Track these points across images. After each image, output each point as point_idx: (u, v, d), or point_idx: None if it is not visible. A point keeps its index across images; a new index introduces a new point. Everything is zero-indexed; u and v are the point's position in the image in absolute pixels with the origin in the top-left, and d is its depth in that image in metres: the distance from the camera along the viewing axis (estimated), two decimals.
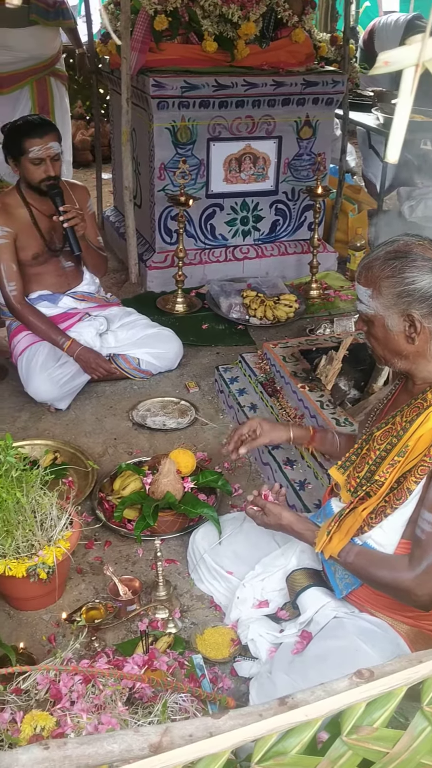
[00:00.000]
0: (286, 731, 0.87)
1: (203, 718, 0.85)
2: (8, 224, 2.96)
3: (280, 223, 4.27)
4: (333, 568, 1.75)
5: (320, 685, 0.90)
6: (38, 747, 0.82)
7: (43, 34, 4.36)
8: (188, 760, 0.83)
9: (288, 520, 1.81)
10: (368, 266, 1.62)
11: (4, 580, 1.95)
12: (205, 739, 0.83)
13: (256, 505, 1.86)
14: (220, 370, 3.11)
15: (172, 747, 0.82)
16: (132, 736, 0.83)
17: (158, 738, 0.82)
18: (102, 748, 0.83)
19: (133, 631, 2.00)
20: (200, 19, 3.74)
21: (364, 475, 1.69)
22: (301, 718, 0.86)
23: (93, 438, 2.87)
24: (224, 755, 0.84)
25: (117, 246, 4.54)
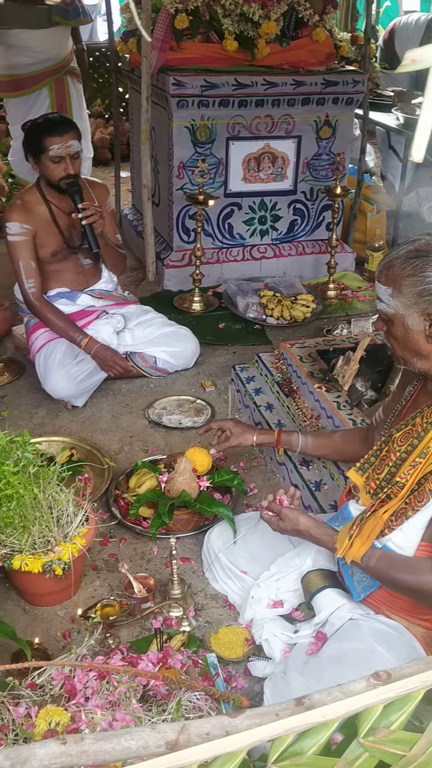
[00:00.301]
0: (303, 732, 0.87)
1: (220, 716, 0.85)
2: (28, 221, 2.97)
3: (298, 222, 4.26)
4: (350, 571, 1.74)
5: (337, 686, 0.90)
6: (55, 742, 0.82)
7: (60, 34, 4.39)
8: (205, 758, 0.83)
9: (305, 525, 1.80)
10: (389, 265, 1.61)
11: (20, 575, 1.96)
12: (222, 737, 0.83)
13: (271, 510, 1.85)
14: (237, 370, 3.11)
15: (188, 745, 0.82)
16: (149, 733, 0.83)
17: (175, 736, 0.82)
18: (119, 744, 0.83)
19: (147, 628, 2.00)
20: (221, 18, 3.74)
21: (384, 477, 1.68)
22: (318, 719, 0.86)
23: (109, 435, 2.88)
24: (240, 754, 0.84)
25: (134, 244, 4.55)
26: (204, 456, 2.41)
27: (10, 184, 5.42)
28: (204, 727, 0.83)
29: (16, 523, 1.88)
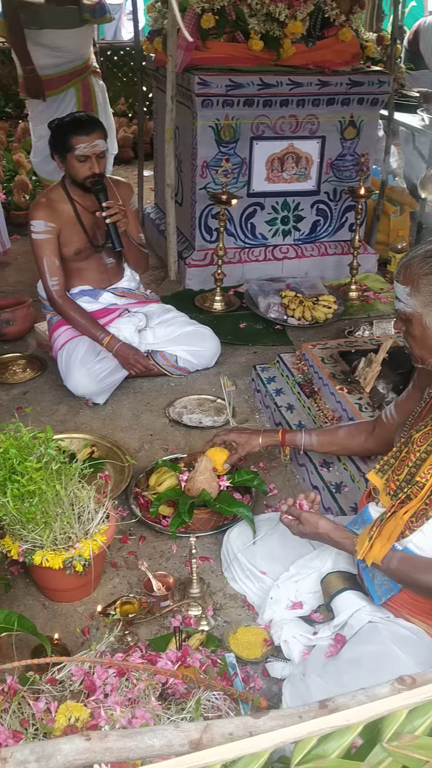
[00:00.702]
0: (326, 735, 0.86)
1: (243, 717, 0.85)
2: (52, 220, 2.99)
3: (320, 223, 4.25)
4: (370, 574, 1.73)
5: (361, 690, 0.90)
6: (80, 738, 0.82)
7: (87, 34, 4.43)
8: (228, 758, 0.83)
9: (325, 528, 1.80)
10: (407, 264, 1.64)
11: (40, 571, 1.97)
12: (245, 738, 0.83)
13: (290, 514, 1.86)
14: (258, 370, 3.10)
15: (212, 744, 0.83)
16: (172, 731, 0.83)
17: (199, 735, 0.82)
18: (143, 742, 0.83)
19: (166, 627, 2.00)
20: (247, 18, 3.74)
21: (404, 478, 1.68)
22: (342, 722, 0.86)
23: (129, 433, 2.89)
24: (264, 756, 0.84)
25: (156, 243, 4.56)
26: (224, 455, 2.41)
27: (33, 182, 5.45)
28: (227, 727, 0.83)
29: (37, 519, 1.89)
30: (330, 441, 2.24)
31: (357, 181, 3.94)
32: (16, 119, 7.41)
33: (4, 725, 1.46)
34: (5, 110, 7.58)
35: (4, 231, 4.44)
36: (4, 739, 1.42)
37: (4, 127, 7.01)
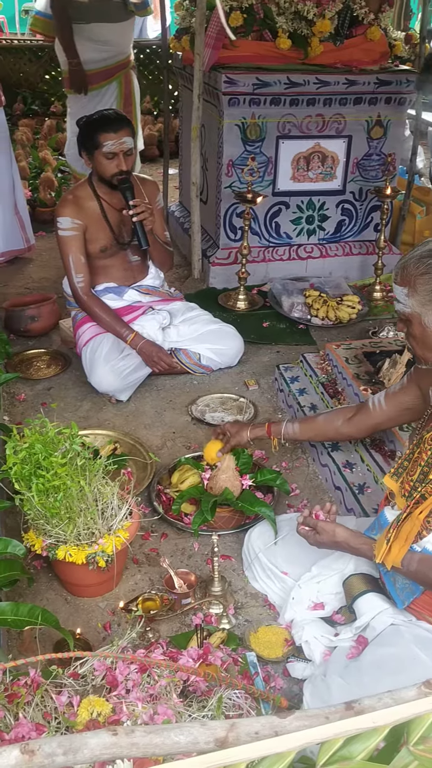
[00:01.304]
0: (352, 737, 0.86)
1: (269, 716, 0.85)
2: (79, 217, 3.01)
3: (345, 223, 4.23)
4: (392, 579, 1.73)
5: (387, 693, 0.89)
6: (107, 732, 0.83)
7: (130, 27, 4.56)
8: (253, 757, 0.83)
9: (343, 536, 1.80)
10: (403, 266, 1.69)
11: (63, 565, 1.99)
12: (271, 738, 0.83)
13: (307, 525, 1.87)
14: (281, 369, 3.10)
15: (237, 743, 0.83)
16: (199, 728, 0.83)
17: (225, 733, 0.83)
18: (169, 739, 0.83)
19: (187, 624, 2.01)
20: (275, 16, 3.73)
21: (417, 478, 1.68)
22: (368, 725, 0.86)
23: (152, 431, 2.90)
24: (290, 756, 0.84)
25: (181, 241, 4.57)
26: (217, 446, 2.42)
27: (59, 179, 5.49)
28: (253, 726, 0.83)
29: (62, 514, 1.90)
30: (309, 428, 2.32)
31: (383, 181, 3.91)
32: (42, 117, 7.47)
33: (27, 718, 1.47)
34: (32, 108, 7.63)
35: (29, 227, 4.47)
36: (27, 732, 1.44)
37: (31, 125, 7.07)
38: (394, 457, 2.32)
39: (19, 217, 4.36)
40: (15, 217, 4.33)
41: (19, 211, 4.36)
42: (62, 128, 7.10)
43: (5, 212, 4.26)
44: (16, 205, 4.32)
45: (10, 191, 4.26)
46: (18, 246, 4.42)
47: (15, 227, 4.35)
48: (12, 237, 4.36)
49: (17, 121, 7.21)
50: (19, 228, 4.38)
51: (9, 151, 4.25)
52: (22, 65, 7.76)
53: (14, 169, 4.31)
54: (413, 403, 2.04)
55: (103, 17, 4.26)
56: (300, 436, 2.35)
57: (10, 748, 0.79)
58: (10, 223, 4.32)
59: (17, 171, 4.40)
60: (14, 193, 4.30)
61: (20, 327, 3.52)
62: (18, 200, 4.34)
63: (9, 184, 4.25)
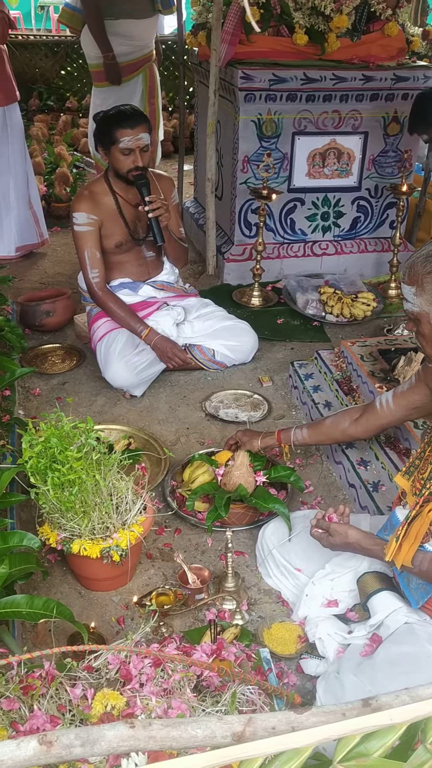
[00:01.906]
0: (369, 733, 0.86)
1: (286, 712, 0.85)
2: (94, 212, 3.01)
3: (361, 220, 4.22)
4: (406, 579, 1.72)
5: (404, 690, 0.89)
6: (124, 725, 0.83)
7: (155, 23, 4.58)
8: (270, 752, 0.83)
9: (355, 537, 1.81)
10: (411, 265, 1.69)
11: (78, 559, 2.00)
12: (288, 733, 0.83)
13: (320, 527, 1.87)
14: (295, 366, 3.09)
15: (254, 738, 0.83)
16: (216, 723, 0.83)
17: (242, 727, 0.83)
18: (186, 732, 0.84)
19: (200, 619, 2.01)
20: (292, 12, 3.72)
21: (428, 476, 1.68)
22: (385, 722, 0.85)
23: (166, 426, 2.90)
24: (307, 751, 0.84)
25: (195, 237, 4.57)
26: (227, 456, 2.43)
27: (74, 174, 5.50)
28: (270, 721, 0.83)
29: (76, 508, 1.91)
30: (317, 431, 2.33)
31: (399, 177, 3.89)
32: (57, 112, 7.49)
33: (41, 710, 1.48)
34: (47, 103, 7.65)
35: (42, 222, 4.50)
36: (41, 724, 1.44)
37: (46, 120, 7.09)
38: (408, 455, 2.31)
39: (33, 212, 4.39)
40: (29, 211, 4.36)
41: (33, 205, 4.39)
42: (77, 124, 7.12)
43: (20, 207, 4.28)
44: (30, 200, 4.34)
45: (25, 186, 4.29)
46: (32, 240, 4.45)
47: (29, 222, 4.38)
48: (26, 231, 4.39)
49: (33, 116, 7.24)
50: (33, 222, 4.41)
51: (23, 147, 4.27)
52: (38, 61, 7.78)
53: (28, 165, 4.33)
54: (422, 402, 2.04)
55: (130, 14, 4.34)
56: (309, 440, 2.37)
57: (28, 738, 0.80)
58: (25, 218, 4.34)
59: (31, 166, 4.42)
60: (28, 188, 4.32)
61: (35, 322, 3.53)
62: (32, 195, 4.37)
63: (23, 179, 4.27)
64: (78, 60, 7.82)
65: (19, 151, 4.22)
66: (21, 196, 4.27)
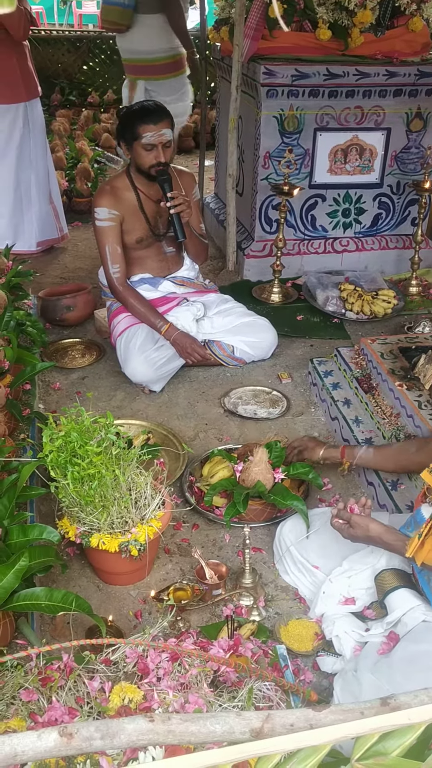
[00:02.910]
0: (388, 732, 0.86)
1: (304, 709, 0.85)
2: (116, 207, 3.02)
3: (382, 216, 4.19)
4: (426, 577, 1.71)
5: (423, 690, 0.89)
6: (144, 718, 0.84)
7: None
8: (288, 749, 0.83)
9: (376, 531, 1.80)
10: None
11: (96, 553, 2.01)
12: (306, 730, 0.84)
13: (341, 518, 1.87)
14: (315, 363, 3.08)
15: (272, 734, 0.83)
16: (234, 718, 0.84)
17: (260, 724, 0.83)
18: (205, 727, 0.84)
19: (218, 615, 2.02)
20: (315, 7, 3.69)
21: None
22: (403, 721, 0.85)
23: (185, 422, 2.91)
24: (325, 749, 0.84)
25: (215, 233, 4.56)
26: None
27: (95, 170, 5.51)
28: (288, 718, 0.83)
29: (96, 503, 1.92)
30: (383, 455, 2.25)
31: (422, 174, 3.86)
32: (79, 107, 7.51)
33: (60, 702, 1.50)
34: (69, 98, 7.67)
35: (63, 217, 4.52)
36: (60, 715, 1.46)
37: (68, 116, 7.11)
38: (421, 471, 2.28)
39: (53, 207, 4.41)
40: (50, 206, 4.38)
41: (54, 200, 4.41)
42: (99, 119, 7.14)
43: (41, 202, 4.31)
44: (50, 195, 4.37)
45: (46, 181, 4.31)
46: (53, 235, 4.48)
47: (50, 217, 4.41)
48: (47, 226, 4.41)
49: (54, 111, 7.26)
50: (53, 217, 4.43)
51: (45, 142, 4.30)
52: (60, 56, 7.81)
53: (49, 160, 4.36)
54: None
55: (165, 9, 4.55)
56: (373, 462, 2.28)
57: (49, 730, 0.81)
58: (46, 213, 4.37)
59: (52, 161, 4.45)
60: (49, 184, 4.35)
61: (56, 316, 3.55)
62: (52, 190, 4.40)
63: (44, 174, 4.30)
64: (100, 55, 7.84)
65: (41, 146, 4.25)
66: (42, 191, 4.30)
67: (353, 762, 0.85)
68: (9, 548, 1.80)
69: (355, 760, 0.85)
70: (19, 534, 1.83)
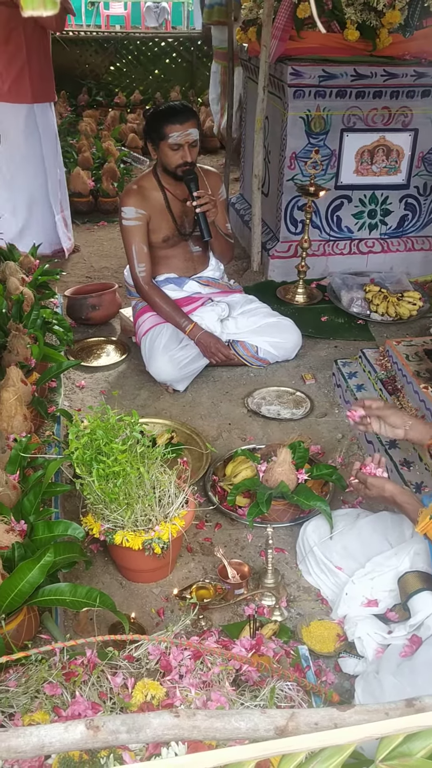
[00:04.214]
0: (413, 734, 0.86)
1: (329, 708, 0.85)
2: (143, 207, 3.04)
3: (408, 218, 4.17)
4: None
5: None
6: (169, 714, 0.84)
7: None
8: (312, 747, 0.83)
9: (390, 491, 1.85)
10: None
11: (120, 550, 2.02)
12: (330, 729, 0.84)
13: (358, 478, 1.92)
14: (339, 364, 3.08)
15: (297, 732, 0.83)
16: (259, 716, 0.84)
17: (285, 722, 0.83)
18: (229, 724, 0.85)
19: (240, 614, 2.02)
20: (344, 7, 3.68)
21: None
22: (429, 723, 0.85)
23: (208, 421, 2.92)
24: (349, 748, 0.84)
25: (240, 234, 4.57)
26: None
27: (121, 170, 5.55)
28: (313, 717, 0.84)
29: (120, 500, 1.94)
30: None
31: None
32: (106, 108, 7.56)
33: (83, 696, 1.51)
34: (96, 99, 7.73)
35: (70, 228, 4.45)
36: (83, 710, 1.47)
37: (95, 116, 7.16)
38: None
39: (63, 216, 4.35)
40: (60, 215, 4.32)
41: (63, 209, 4.36)
42: (125, 119, 7.18)
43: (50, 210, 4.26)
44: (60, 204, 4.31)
45: (56, 190, 4.26)
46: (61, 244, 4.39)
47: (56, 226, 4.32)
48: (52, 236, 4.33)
49: (82, 111, 7.32)
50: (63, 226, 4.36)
51: (56, 150, 4.23)
52: (87, 56, 7.86)
53: (60, 169, 4.29)
54: None
55: None
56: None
57: (76, 723, 0.82)
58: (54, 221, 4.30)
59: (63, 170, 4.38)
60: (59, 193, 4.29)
61: (81, 315, 3.58)
62: (63, 199, 4.34)
63: (55, 183, 4.25)
64: (127, 56, 7.89)
65: (52, 154, 4.19)
66: (51, 200, 4.25)
67: (377, 762, 0.85)
68: (34, 544, 1.82)
69: (380, 761, 0.85)
70: (45, 530, 1.85)
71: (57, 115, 4.35)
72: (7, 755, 0.78)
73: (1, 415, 2.24)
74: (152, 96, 7.78)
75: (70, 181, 5.16)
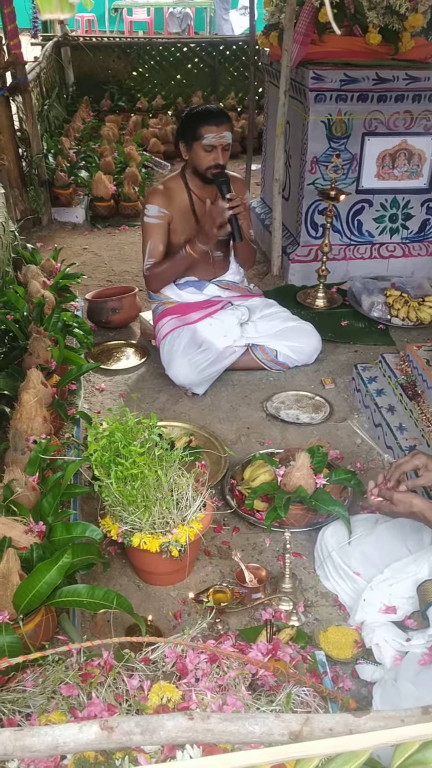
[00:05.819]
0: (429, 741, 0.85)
1: (344, 714, 0.85)
2: (166, 206, 3.06)
3: (430, 222, 4.14)
4: None
5: None
6: (183, 716, 0.84)
7: None
8: (327, 753, 0.83)
9: (419, 507, 1.78)
10: None
11: (138, 553, 2.03)
12: (346, 735, 0.83)
13: (381, 496, 1.85)
14: (359, 369, 3.06)
15: (311, 738, 0.83)
16: (273, 720, 0.84)
17: (299, 727, 0.83)
18: (244, 728, 0.84)
19: (256, 619, 2.02)
20: (366, 11, 3.67)
21: None
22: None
23: (227, 425, 2.92)
24: (364, 755, 0.83)
25: (261, 238, 4.57)
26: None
27: (143, 174, 5.57)
28: (328, 722, 0.83)
29: (138, 503, 1.94)
30: None
31: None
32: (128, 113, 7.60)
33: (99, 698, 1.51)
34: (118, 104, 7.78)
35: None
36: (99, 711, 1.48)
37: (117, 121, 7.20)
38: None
39: None
40: None
41: None
42: (147, 124, 7.22)
43: None
44: None
45: None
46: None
47: None
48: None
49: (104, 116, 7.36)
50: None
51: None
52: (110, 62, 7.91)
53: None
54: None
55: None
56: None
57: (90, 723, 0.82)
58: None
59: None
60: None
61: (102, 318, 3.60)
62: None
63: None
64: (150, 62, 7.93)
65: None
66: None
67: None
68: (53, 545, 1.82)
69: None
70: (63, 531, 1.86)
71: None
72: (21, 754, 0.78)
73: (22, 417, 2.26)
74: (174, 101, 7.81)
75: (92, 185, 5.20)
